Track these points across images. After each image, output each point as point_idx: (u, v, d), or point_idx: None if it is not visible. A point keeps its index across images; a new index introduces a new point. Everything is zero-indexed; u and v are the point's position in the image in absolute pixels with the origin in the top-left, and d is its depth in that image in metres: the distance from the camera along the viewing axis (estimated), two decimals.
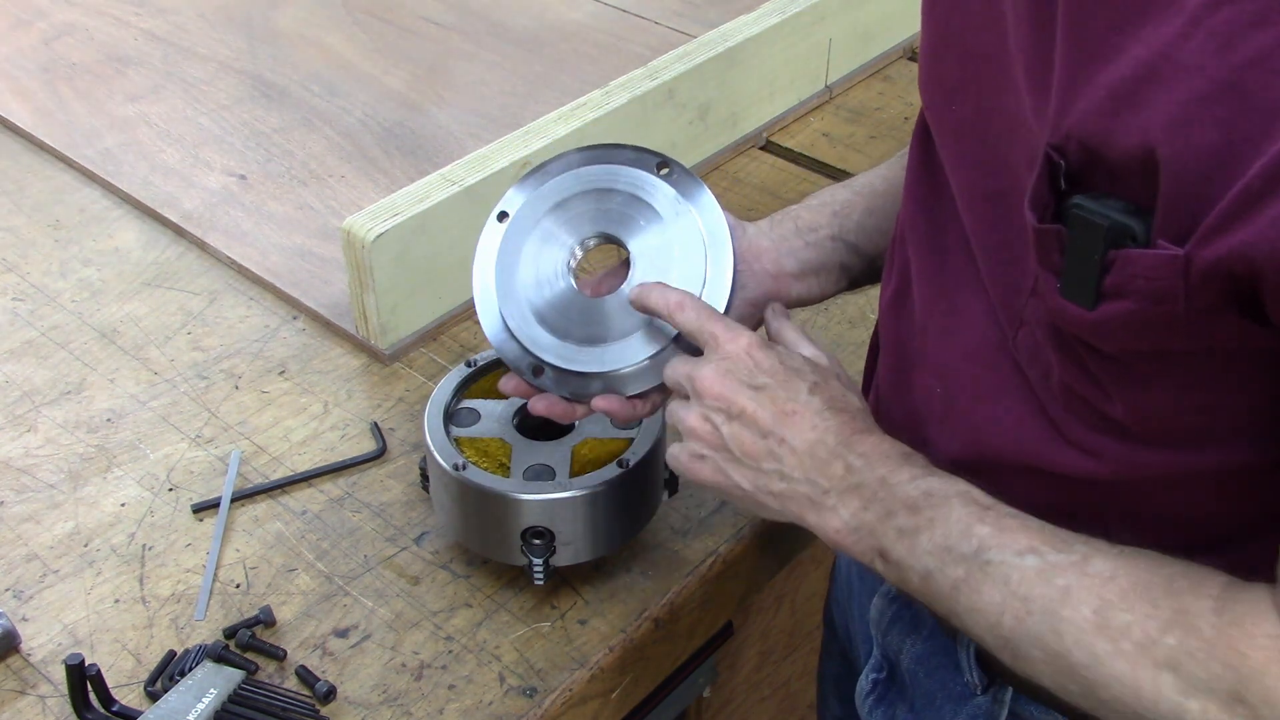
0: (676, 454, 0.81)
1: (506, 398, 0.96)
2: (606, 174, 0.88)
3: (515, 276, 0.87)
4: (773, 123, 1.47)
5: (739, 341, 0.79)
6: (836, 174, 1.41)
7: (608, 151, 0.88)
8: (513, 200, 0.89)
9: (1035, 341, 0.69)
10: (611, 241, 0.88)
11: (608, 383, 0.85)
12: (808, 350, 0.82)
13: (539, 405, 0.87)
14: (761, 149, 1.46)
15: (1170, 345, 0.60)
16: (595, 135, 1.24)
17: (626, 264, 0.87)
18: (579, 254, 0.88)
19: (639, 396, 0.86)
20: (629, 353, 0.85)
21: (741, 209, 1.36)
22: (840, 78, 1.55)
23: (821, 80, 1.53)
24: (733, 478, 0.78)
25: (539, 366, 0.86)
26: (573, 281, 0.87)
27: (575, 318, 0.86)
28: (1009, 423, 0.72)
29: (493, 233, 0.88)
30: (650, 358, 0.85)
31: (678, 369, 0.81)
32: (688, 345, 0.84)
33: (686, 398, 0.80)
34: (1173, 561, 0.64)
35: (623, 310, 0.86)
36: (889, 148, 1.45)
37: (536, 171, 0.89)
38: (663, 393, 0.86)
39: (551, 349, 0.86)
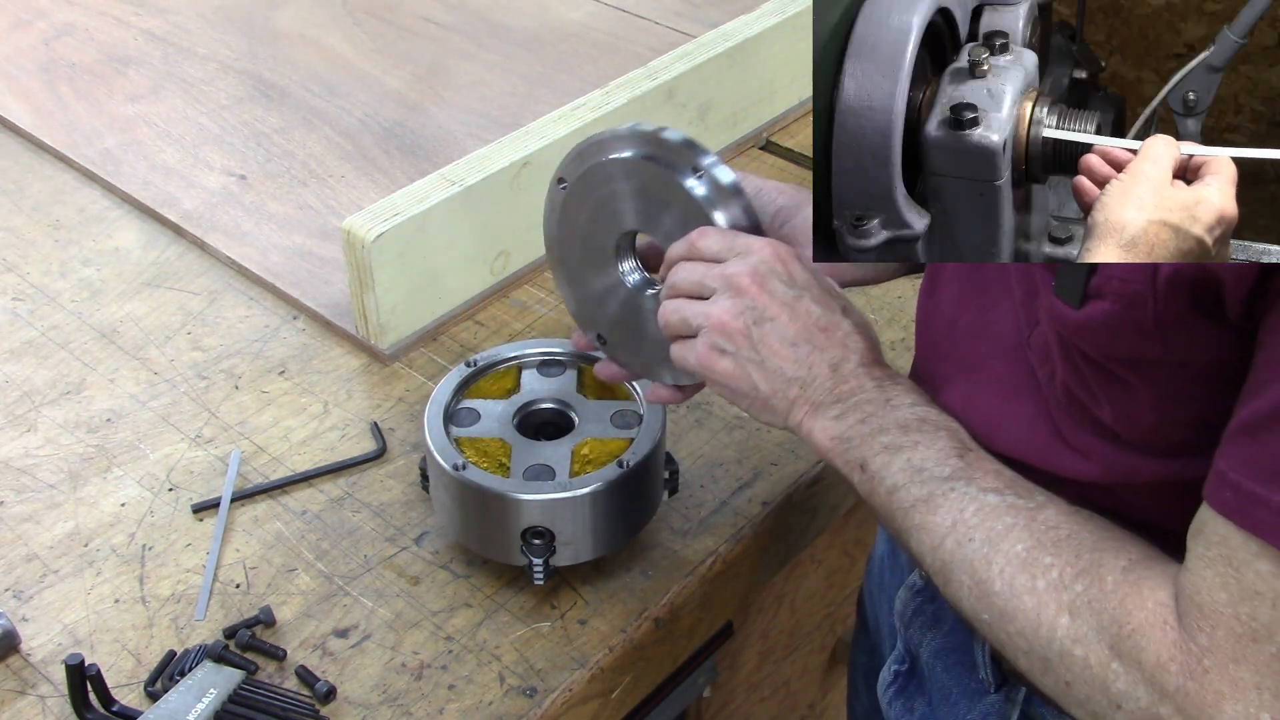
0: (692, 345, 0.79)
1: (507, 397, 0.96)
2: (648, 166, 0.83)
3: (575, 251, 0.90)
4: (773, 123, 1.47)
5: (772, 246, 0.79)
6: None
7: (654, 143, 0.84)
8: (570, 168, 0.88)
9: (1045, 342, 0.71)
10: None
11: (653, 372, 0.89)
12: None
13: (603, 371, 0.92)
14: (761, 149, 1.45)
15: (1145, 353, 0.63)
16: None
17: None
18: (622, 248, 0.89)
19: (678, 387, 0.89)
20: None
21: None
22: None
23: None
24: (752, 378, 0.78)
25: (601, 336, 0.92)
26: (620, 275, 0.89)
27: (618, 308, 0.90)
28: (1021, 421, 0.74)
29: (555, 196, 0.90)
30: None
31: (695, 270, 0.79)
32: None
33: (701, 299, 0.79)
34: (1116, 527, 0.68)
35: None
36: None
37: (592, 143, 0.86)
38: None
39: (605, 328, 0.91)
